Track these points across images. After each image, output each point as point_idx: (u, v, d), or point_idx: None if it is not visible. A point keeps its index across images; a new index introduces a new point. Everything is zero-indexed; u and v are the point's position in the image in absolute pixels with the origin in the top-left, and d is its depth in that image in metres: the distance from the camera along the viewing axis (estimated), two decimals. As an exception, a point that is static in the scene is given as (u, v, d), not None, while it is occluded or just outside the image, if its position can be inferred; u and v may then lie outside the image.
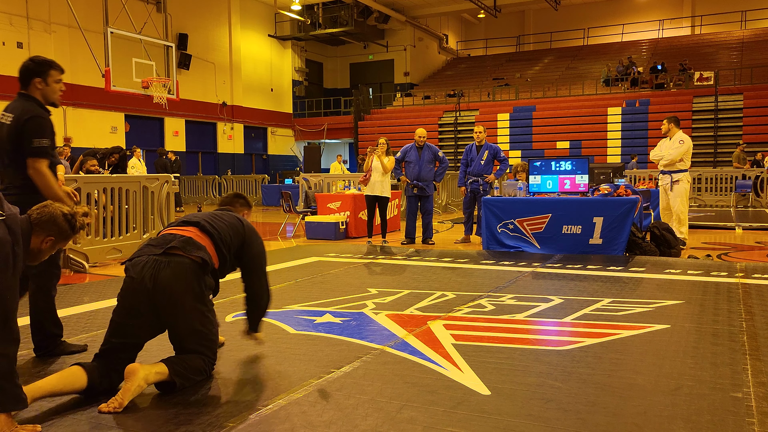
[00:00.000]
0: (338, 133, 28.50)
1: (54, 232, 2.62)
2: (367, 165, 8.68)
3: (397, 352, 3.41)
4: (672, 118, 8.14)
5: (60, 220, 2.62)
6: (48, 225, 2.60)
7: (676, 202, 8.01)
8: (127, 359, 2.87)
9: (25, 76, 3.37)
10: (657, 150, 8.24)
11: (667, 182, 8.08)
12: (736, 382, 2.87)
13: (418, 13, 29.69)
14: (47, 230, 2.60)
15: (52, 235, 2.62)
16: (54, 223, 2.61)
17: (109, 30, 13.32)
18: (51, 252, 2.68)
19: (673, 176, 8.00)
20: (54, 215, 2.61)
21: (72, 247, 6.70)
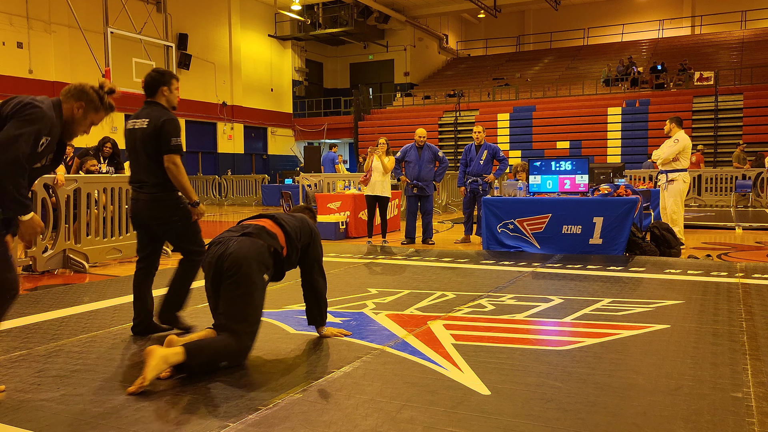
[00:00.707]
0: (338, 133, 28.50)
1: (84, 99, 2.95)
2: (367, 165, 8.68)
3: (397, 352, 3.41)
4: (674, 119, 8.13)
5: (87, 89, 2.97)
6: (78, 93, 2.94)
7: (668, 202, 8.00)
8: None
9: (153, 85, 3.83)
10: (658, 150, 8.25)
11: (663, 181, 8.07)
12: (736, 382, 2.87)
13: (418, 13, 29.69)
14: (77, 98, 2.93)
15: (82, 101, 2.94)
16: (83, 91, 2.95)
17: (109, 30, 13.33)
18: (84, 123, 2.98)
19: (668, 175, 7.99)
20: (82, 85, 2.98)
21: (72, 247, 6.71)
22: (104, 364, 3.27)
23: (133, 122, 3.84)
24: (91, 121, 3.02)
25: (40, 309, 4.61)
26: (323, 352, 3.45)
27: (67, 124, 2.93)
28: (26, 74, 18.07)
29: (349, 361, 3.25)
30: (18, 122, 2.70)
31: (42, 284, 5.91)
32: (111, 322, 4.20)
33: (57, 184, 6.48)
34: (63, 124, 2.91)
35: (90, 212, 6.94)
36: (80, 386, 2.92)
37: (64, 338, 3.78)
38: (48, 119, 2.78)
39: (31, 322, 4.20)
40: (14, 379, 3.04)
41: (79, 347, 3.59)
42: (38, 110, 2.75)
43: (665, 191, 8.07)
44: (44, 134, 2.76)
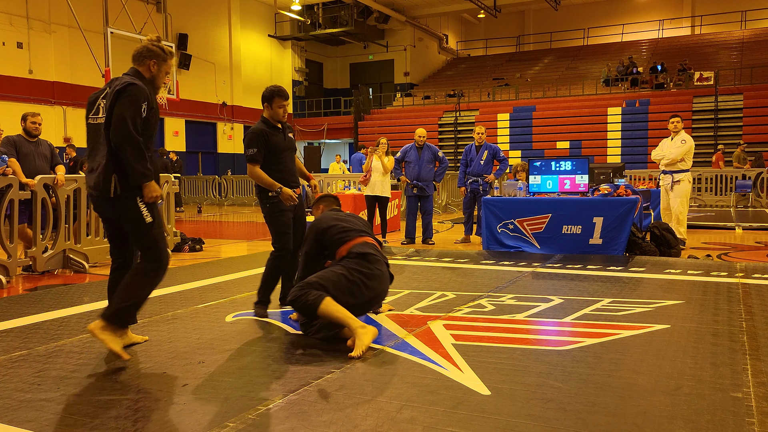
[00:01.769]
0: (338, 133, 28.50)
1: (153, 55, 3.44)
2: (367, 165, 8.68)
3: (397, 352, 3.41)
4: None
5: (150, 46, 3.44)
6: (146, 53, 3.45)
7: (675, 203, 7.99)
8: None
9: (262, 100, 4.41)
10: (658, 150, 8.21)
11: (668, 182, 8.05)
12: (736, 382, 2.87)
13: (418, 13, 29.70)
14: (148, 57, 3.44)
15: (153, 58, 3.44)
16: (148, 49, 3.44)
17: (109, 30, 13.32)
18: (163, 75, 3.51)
19: (674, 176, 7.98)
20: (144, 45, 3.46)
21: (72, 247, 6.70)
22: (104, 364, 3.27)
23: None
24: (165, 71, 3.51)
25: (40, 309, 4.61)
26: (323, 352, 3.45)
27: (151, 83, 3.45)
28: (26, 74, 18.07)
29: (349, 361, 3.25)
30: (122, 102, 3.23)
31: (42, 284, 5.91)
32: (111, 322, 4.19)
33: (57, 184, 6.48)
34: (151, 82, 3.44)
35: (90, 212, 6.93)
36: (80, 386, 2.92)
37: (64, 338, 3.78)
38: (140, 88, 3.28)
39: (31, 322, 4.20)
40: (14, 379, 3.04)
41: (79, 347, 3.59)
42: (133, 86, 3.27)
43: (671, 192, 8.03)
44: (142, 101, 3.27)
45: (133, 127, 3.21)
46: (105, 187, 3.32)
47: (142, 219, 3.36)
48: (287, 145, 4.47)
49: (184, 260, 7.41)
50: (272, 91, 4.35)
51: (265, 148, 4.30)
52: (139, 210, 3.35)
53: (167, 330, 3.95)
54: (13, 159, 6.37)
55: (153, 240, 3.41)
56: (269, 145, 4.32)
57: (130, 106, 3.23)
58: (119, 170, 3.30)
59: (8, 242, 6.02)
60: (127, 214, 3.36)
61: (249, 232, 11.55)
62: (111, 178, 3.31)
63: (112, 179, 3.31)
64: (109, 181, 3.31)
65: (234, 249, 8.68)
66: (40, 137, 6.82)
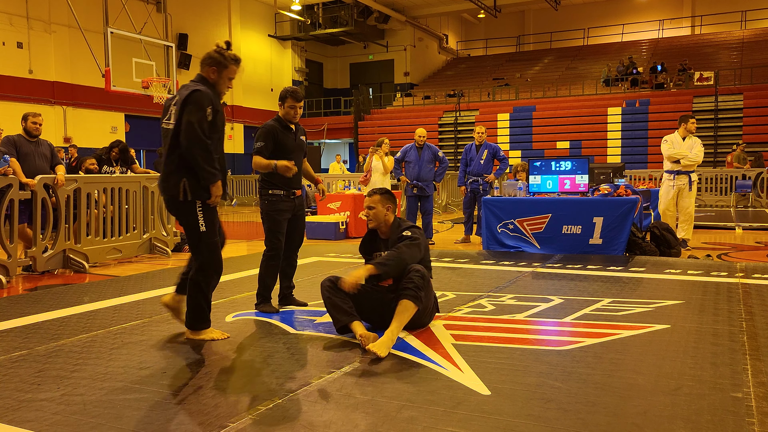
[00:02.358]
0: (338, 133, 28.49)
1: (213, 62, 3.60)
2: (367, 165, 8.68)
3: (397, 352, 3.41)
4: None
5: (212, 54, 3.61)
6: (207, 60, 3.61)
7: (691, 203, 7.97)
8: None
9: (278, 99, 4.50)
10: (679, 149, 7.81)
11: (684, 182, 7.89)
12: (736, 382, 2.87)
13: (418, 13, 29.69)
14: (208, 64, 3.60)
15: (213, 65, 3.59)
16: (209, 56, 3.61)
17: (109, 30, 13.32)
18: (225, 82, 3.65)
19: (691, 176, 7.96)
20: (207, 52, 3.64)
21: (72, 247, 6.70)
22: (104, 364, 3.26)
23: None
24: (227, 77, 3.64)
25: (40, 309, 4.61)
26: (323, 352, 3.45)
27: (214, 87, 3.60)
28: (26, 74, 18.06)
29: (349, 361, 3.25)
30: (188, 109, 3.42)
31: (42, 284, 5.91)
32: (111, 322, 4.20)
33: (57, 184, 6.48)
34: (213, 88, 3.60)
35: (90, 212, 6.93)
36: (80, 386, 2.92)
37: (64, 338, 3.78)
38: (204, 93, 3.46)
39: (31, 322, 4.20)
40: (14, 379, 3.04)
41: (79, 347, 3.59)
42: (197, 93, 3.45)
43: (688, 192, 7.90)
44: (207, 105, 3.45)
45: (200, 131, 3.42)
46: (175, 191, 3.56)
47: (197, 227, 3.58)
48: (297, 146, 4.52)
49: (184, 260, 7.39)
50: (286, 92, 4.46)
51: (274, 146, 4.37)
52: (197, 218, 3.58)
53: (167, 330, 3.95)
54: (14, 159, 6.37)
55: (204, 248, 3.61)
56: (278, 143, 4.39)
57: (197, 112, 3.44)
58: (189, 175, 3.51)
59: (8, 242, 6.02)
60: (185, 219, 3.61)
61: (249, 232, 11.55)
62: (180, 183, 3.53)
63: (182, 184, 3.53)
64: (177, 185, 3.54)
65: (234, 249, 8.68)
66: (40, 137, 6.82)
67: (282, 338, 3.73)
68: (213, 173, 3.48)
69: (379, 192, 3.95)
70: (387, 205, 3.88)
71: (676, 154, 7.83)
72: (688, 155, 7.78)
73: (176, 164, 3.52)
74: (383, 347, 3.33)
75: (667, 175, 8.01)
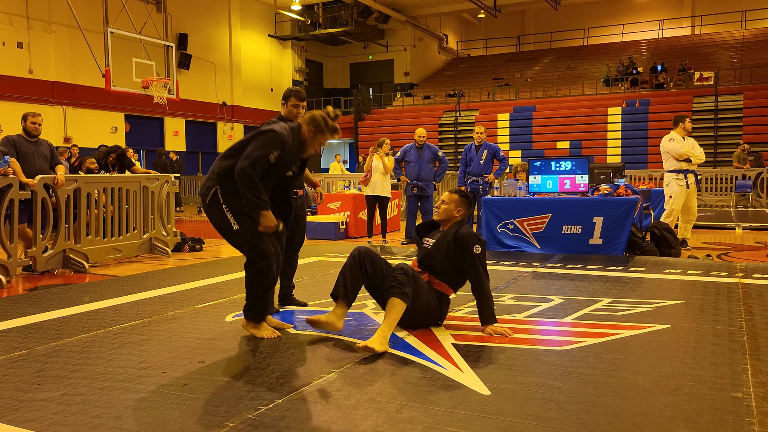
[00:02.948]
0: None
1: (313, 124, 3.68)
2: (367, 165, 8.68)
3: (397, 352, 3.41)
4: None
5: (317, 116, 3.70)
6: (310, 119, 3.71)
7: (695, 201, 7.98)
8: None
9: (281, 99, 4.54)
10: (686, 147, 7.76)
11: (692, 181, 7.85)
12: (736, 382, 2.87)
13: (418, 13, 29.68)
14: (309, 123, 3.70)
15: (312, 126, 3.68)
16: (313, 117, 3.70)
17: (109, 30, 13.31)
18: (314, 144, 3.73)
19: (697, 175, 7.95)
20: (314, 113, 3.73)
21: (72, 247, 6.70)
22: (104, 364, 3.26)
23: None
24: (319, 141, 3.73)
25: (40, 309, 4.60)
26: (323, 352, 3.45)
27: (303, 143, 3.71)
28: (26, 74, 18.06)
29: (349, 360, 3.25)
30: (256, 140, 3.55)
31: (42, 284, 5.91)
32: (111, 322, 4.20)
33: (57, 184, 6.48)
34: (302, 143, 3.70)
35: (90, 212, 6.93)
36: (80, 386, 2.92)
37: (64, 338, 3.78)
38: (279, 138, 3.53)
39: (31, 322, 4.20)
40: (14, 379, 3.04)
41: (79, 347, 3.59)
42: (273, 133, 3.55)
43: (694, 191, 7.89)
44: (273, 150, 3.51)
45: (252, 166, 3.47)
46: (204, 191, 3.69)
47: (230, 228, 3.64)
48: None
49: (184, 260, 7.41)
50: (290, 91, 4.50)
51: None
52: (226, 218, 3.63)
53: (167, 330, 3.95)
54: (13, 159, 6.37)
55: (244, 244, 3.67)
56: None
57: (260, 148, 3.51)
58: (222, 186, 3.61)
59: (8, 242, 6.02)
60: (215, 222, 3.70)
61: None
62: (211, 190, 3.64)
63: (213, 189, 3.64)
64: (209, 189, 3.65)
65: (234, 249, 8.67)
66: (40, 137, 6.82)
67: (282, 338, 3.73)
68: (255, 202, 3.50)
69: (458, 193, 4.06)
70: (459, 208, 4.01)
71: (687, 152, 7.74)
72: (697, 156, 7.78)
73: (218, 172, 3.61)
74: (377, 342, 3.37)
75: (676, 174, 7.81)
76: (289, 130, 3.65)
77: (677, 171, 7.82)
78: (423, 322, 3.87)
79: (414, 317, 3.77)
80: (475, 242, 3.81)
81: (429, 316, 3.87)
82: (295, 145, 3.66)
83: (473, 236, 3.85)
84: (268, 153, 3.51)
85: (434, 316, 3.90)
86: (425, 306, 3.79)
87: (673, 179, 7.83)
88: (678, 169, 7.80)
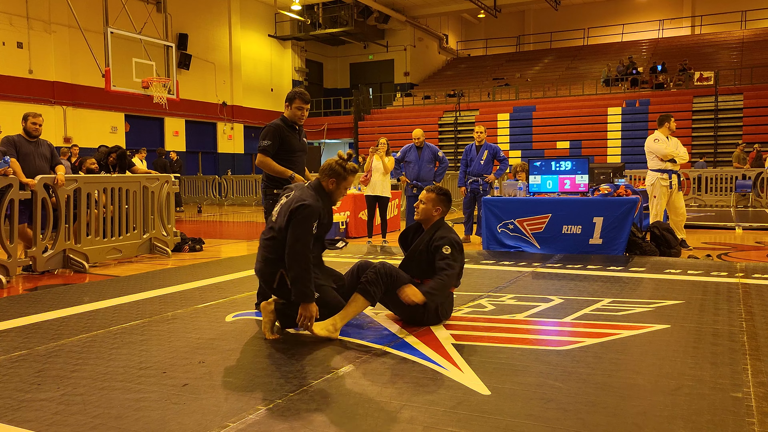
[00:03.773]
0: (338, 133, 28.50)
1: (333, 174, 3.72)
2: (367, 165, 8.68)
3: (397, 352, 3.41)
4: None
5: (334, 166, 3.73)
6: (328, 172, 3.74)
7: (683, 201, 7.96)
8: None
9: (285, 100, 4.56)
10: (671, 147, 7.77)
11: (675, 182, 7.88)
12: (736, 382, 2.87)
13: (418, 13, 29.69)
14: (329, 175, 3.74)
15: (333, 177, 3.72)
16: (330, 168, 3.73)
17: (109, 30, 13.31)
18: (341, 192, 3.79)
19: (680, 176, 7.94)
20: (329, 163, 3.75)
21: (72, 247, 6.70)
22: (104, 364, 3.26)
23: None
24: (344, 187, 3.81)
25: (40, 309, 4.61)
26: (323, 352, 3.45)
27: (329, 196, 3.78)
28: (26, 74, 18.07)
29: (349, 361, 3.25)
30: (294, 224, 3.54)
31: (42, 284, 5.91)
32: (111, 322, 4.20)
33: (57, 184, 6.48)
34: (329, 196, 3.78)
35: (90, 212, 6.93)
36: (80, 386, 2.92)
37: (64, 338, 3.78)
38: (312, 211, 3.58)
39: (31, 322, 4.20)
40: (14, 379, 3.04)
41: (79, 347, 3.59)
42: (306, 209, 3.56)
43: (679, 191, 7.91)
44: (314, 222, 3.59)
45: (304, 247, 3.53)
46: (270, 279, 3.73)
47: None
48: (300, 147, 4.62)
49: (184, 260, 7.41)
50: (295, 93, 4.51)
51: (279, 144, 4.47)
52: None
53: (167, 330, 3.95)
54: (14, 159, 6.37)
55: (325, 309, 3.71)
56: (284, 142, 4.49)
57: (303, 228, 3.55)
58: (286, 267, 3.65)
59: (8, 242, 6.02)
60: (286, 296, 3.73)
61: (249, 232, 11.55)
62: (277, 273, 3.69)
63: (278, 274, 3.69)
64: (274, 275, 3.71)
65: (234, 249, 8.68)
66: (40, 137, 6.82)
67: (281, 338, 3.73)
68: (306, 293, 3.53)
69: (436, 191, 4.03)
70: (437, 207, 4.00)
71: (672, 153, 7.78)
72: (680, 154, 7.82)
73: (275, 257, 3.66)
74: (321, 327, 3.60)
75: (661, 174, 7.81)
76: (315, 194, 3.71)
77: (662, 171, 7.86)
78: (420, 318, 3.89)
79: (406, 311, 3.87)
80: (445, 244, 3.84)
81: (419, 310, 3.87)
82: (325, 203, 3.75)
83: (445, 240, 3.86)
84: (311, 228, 3.59)
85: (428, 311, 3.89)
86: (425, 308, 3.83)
87: (658, 178, 7.86)
88: (662, 168, 7.85)
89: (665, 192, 7.88)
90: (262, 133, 4.50)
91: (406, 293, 3.68)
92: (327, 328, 3.61)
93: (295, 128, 4.57)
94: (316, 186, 3.77)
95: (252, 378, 3.02)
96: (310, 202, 3.61)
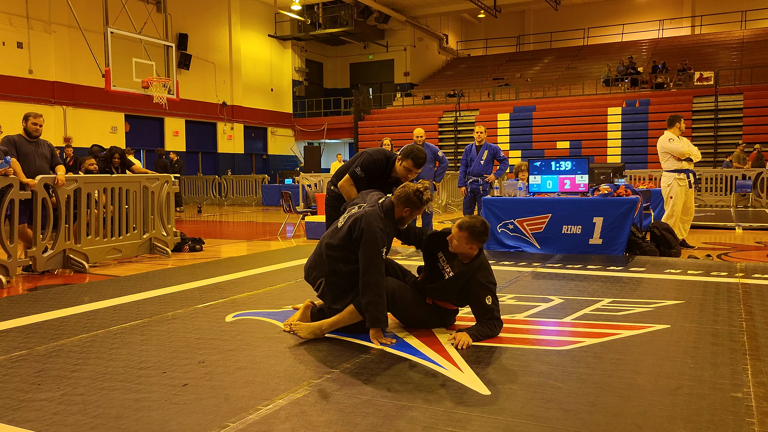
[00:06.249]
0: (338, 133, 28.51)
1: (409, 203, 3.74)
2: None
3: (397, 352, 3.41)
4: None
5: (412, 197, 3.73)
6: (404, 201, 3.75)
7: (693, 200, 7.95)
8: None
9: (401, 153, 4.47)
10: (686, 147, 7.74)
11: (692, 181, 7.84)
12: (736, 382, 2.87)
13: (418, 13, 29.69)
14: (405, 204, 3.75)
15: (408, 206, 3.76)
16: (408, 200, 3.74)
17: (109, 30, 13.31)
18: (411, 218, 3.84)
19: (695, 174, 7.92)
20: (407, 193, 3.74)
21: (72, 247, 6.70)
22: (104, 364, 3.27)
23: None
24: (416, 215, 3.86)
25: (40, 309, 4.61)
26: (323, 352, 3.45)
27: (398, 220, 3.83)
28: (26, 74, 18.07)
29: (349, 361, 3.25)
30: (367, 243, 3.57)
31: (42, 284, 5.91)
32: (111, 322, 4.20)
33: (57, 184, 6.48)
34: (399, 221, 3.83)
35: (90, 212, 6.93)
36: (80, 386, 2.92)
37: (64, 338, 3.78)
38: (380, 235, 3.59)
39: (31, 322, 4.20)
40: (14, 379, 3.04)
41: (79, 347, 3.59)
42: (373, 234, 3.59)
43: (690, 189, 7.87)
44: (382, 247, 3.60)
45: (377, 275, 3.56)
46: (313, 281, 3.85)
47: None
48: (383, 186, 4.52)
49: (184, 260, 7.41)
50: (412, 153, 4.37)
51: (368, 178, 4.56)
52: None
53: (167, 330, 3.95)
54: (14, 159, 6.37)
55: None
56: (373, 178, 4.56)
57: (374, 249, 3.58)
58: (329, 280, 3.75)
59: (8, 242, 6.02)
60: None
61: (249, 232, 11.55)
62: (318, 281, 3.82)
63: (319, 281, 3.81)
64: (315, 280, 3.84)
65: (234, 249, 8.68)
66: (40, 138, 6.82)
67: (282, 338, 3.73)
68: (379, 318, 3.55)
69: (463, 227, 3.69)
70: (471, 246, 3.74)
71: (688, 152, 7.70)
72: (694, 152, 7.77)
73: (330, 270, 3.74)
74: (305, 327, 3.70)
75: (677, 174, 7.74)
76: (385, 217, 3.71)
77: (678, 171, 7.78)
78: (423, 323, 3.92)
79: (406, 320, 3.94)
80: (487, 293, 3.71)
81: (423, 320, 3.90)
82: (391, 225, 3.76)
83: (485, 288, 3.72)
84: (380, 250, 3.61)
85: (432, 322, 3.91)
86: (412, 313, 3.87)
87: (675, 179, 7.77)
88: (679, 168, 7.76)
89: (683, 193, 7.78)
90: (361, 159, 4.56)
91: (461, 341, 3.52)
92: (311, 330, 3.68)
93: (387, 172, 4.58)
94: (388, 209, 3.77)
95: (252, 378, 3.02)
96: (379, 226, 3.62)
